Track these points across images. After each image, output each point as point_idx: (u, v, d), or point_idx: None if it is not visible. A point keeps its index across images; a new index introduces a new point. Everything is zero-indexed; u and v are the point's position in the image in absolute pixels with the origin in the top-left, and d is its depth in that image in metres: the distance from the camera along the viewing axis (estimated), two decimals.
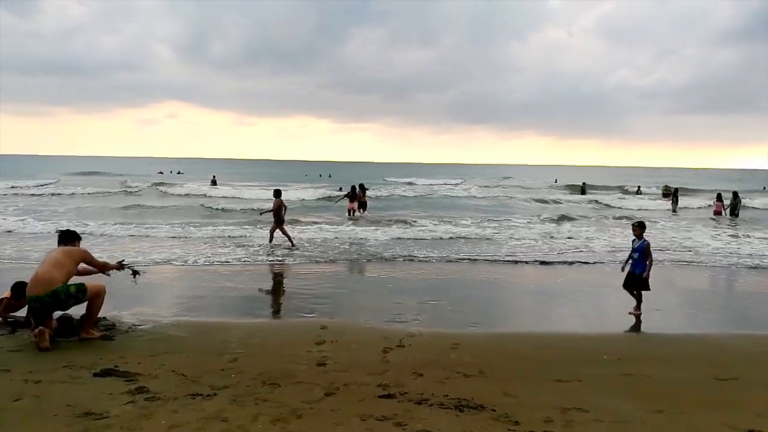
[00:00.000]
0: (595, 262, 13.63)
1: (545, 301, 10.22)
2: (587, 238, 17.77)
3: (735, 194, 27.28)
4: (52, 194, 34.04)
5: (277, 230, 15.43)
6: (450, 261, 13.59)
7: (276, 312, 8.80)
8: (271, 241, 15.38)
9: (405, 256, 14.12)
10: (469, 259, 13.86)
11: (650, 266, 9.06)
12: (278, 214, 15.35)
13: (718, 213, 26.45)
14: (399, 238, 17.13)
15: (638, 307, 9.00)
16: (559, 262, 13.56)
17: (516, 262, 13.64)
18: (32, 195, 33.48)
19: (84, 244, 7.51)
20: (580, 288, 11.21)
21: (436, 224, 20.26)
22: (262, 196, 33.01)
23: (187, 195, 35.49)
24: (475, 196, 40.36)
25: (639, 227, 9.38)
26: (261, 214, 16.23)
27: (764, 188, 57.59)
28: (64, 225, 16.42)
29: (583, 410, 4.91)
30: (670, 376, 6.04)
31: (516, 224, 21.23)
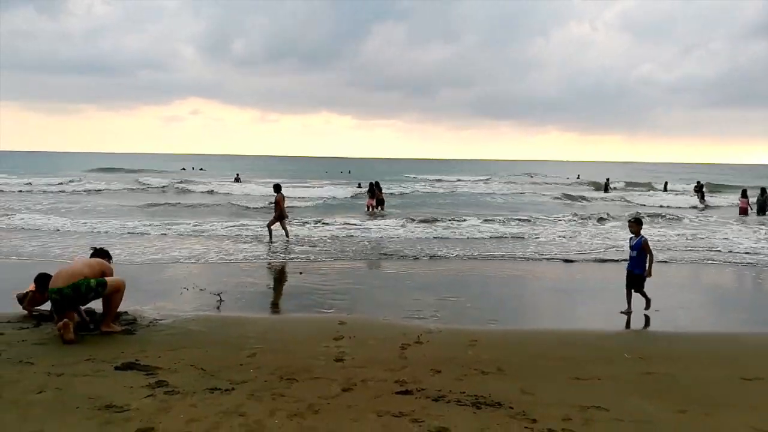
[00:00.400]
0: (618, 260, 13.35)
1: (566, 298, 10.11)
2: (606, 237, 17.39)
3: (763, 190, 25.53)
4: (78, 191, 34.54)
5: (276, 224, 15.51)
6: (472, 258, 13.51)
7: (295, 307, 8.83)
8: (271, 236, 15.43)
9: (426, 253, 14.07)
10: (491, 256, 13.78)
11: (651, 263, 8.63)
12: (279, 208, 15.44)
13: (744, 211, 25.04)
14: (421, 237, 17.03)
15: (648, 305, 8.60)
16: (581, 260, 13.38)
17: (538, 259, 13.50)
18: (60, 192, 34.15)
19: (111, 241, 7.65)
20: (601, 285, 11.06)
21: (460, 221, 20.03)
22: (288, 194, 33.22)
23: (210, 192, 35.74)
24: (496, 193, 40.08)
25: (636, 223, 8.87)
26: (269, 203, 16.71)
27: None
28: (94, 224, 16.67)
29: (603, 409, 4.83)
30: (694, 375, 5.93)
31: (541, 221, 20.91)
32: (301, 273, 11.29)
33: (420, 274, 11.57)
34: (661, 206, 30.54)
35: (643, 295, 8.65)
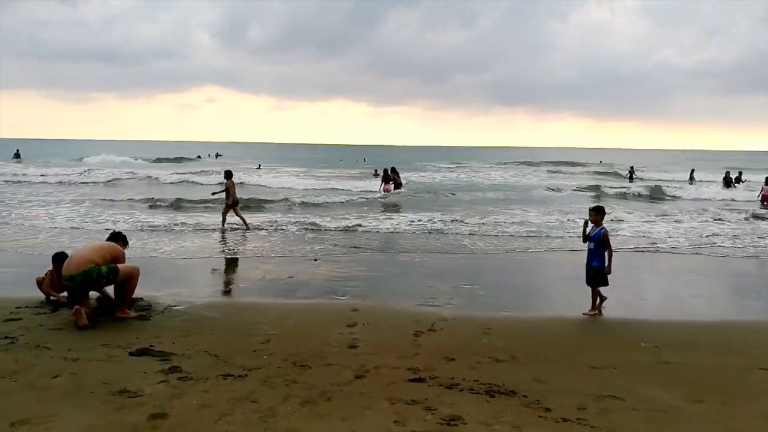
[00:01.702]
0: (645, 250, 13.07)
1: (581, 285, 10.00)
2: (637, 230, 16.54)
3: None
4: (96, 181, 32.34)
5: (231, 213, 15.26)
6: (487, 247, 13.43)
7: (308, 294, 8.83)
8: (223, 224, 15.19)
9: (440, 243, 14.02)
10: (507, 246, 13.69)
11: (611, 258, 7.74)
12: (231, 196, 15.16)
13: (767, 199, 23.88)
14: (435, 229, 16.75)
15: (594, 306, 7.76)
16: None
17: (556, 249, 13.34)
18: (83, 183, 31.62)
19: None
20: (619, 273, 10.92)
21: (475, 212, 19.46)
22: (303, 185, 31.90)
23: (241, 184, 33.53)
24: (513, 184, 38.30)
25: (596, 212, 7.95)
26: (213, 194, 16.13)
27: None
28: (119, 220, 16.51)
29: (619, 398, 4.78)
30: (711, 364, 5.84)
31: (564, 212, 19.77)
32: (316, 260, 11.29)
33: (433, 263, 11.49)
34: (723, 199, 26.88)
35: (597, 293, 7.81)
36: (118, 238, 7.58)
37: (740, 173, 35.18)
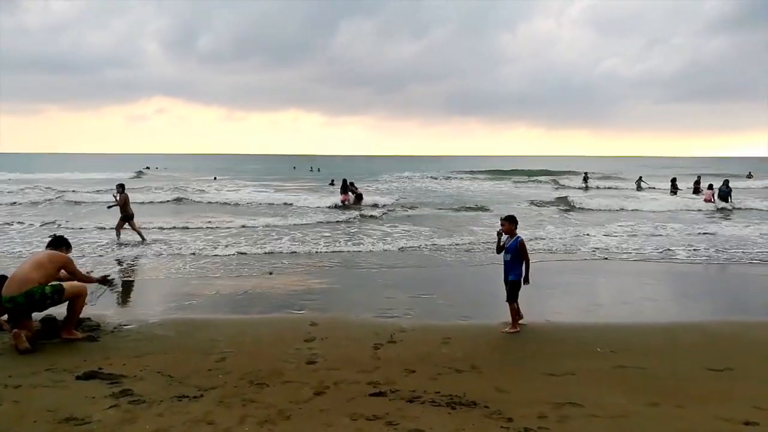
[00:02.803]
0: (606, 258, 13.27)
1: (535, 292, 10.14)
2: (587, 234, 17.46)
3: (725, 182, 26.82)
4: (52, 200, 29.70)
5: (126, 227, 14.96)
6: (444, 253, 13.49)
7: (265, 309, 8.65)
8: (118, 237, 14.88)
9: (398, 250, 14.01)
10: (465, 251, 13.78)
11: (528, 268, 7.42)
12: (125, 209, 14.89)
13: (709, 202, 25.90)
14: (399, 237, 16.92)
15: (515, 323, 7.38)
16: (558, 260, 13.41)
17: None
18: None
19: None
20: (574, 280, 11.14)
21: (432, 221, 19.67)
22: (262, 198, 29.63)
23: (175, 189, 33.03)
24: (470, 190, 39.23)
25: (508, 221, 7.61)
26: (109, 208, 15.76)
27: (749, 174, 57.14)
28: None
29: (578, 405, 4.83)
30: (665, 367, 5.97)
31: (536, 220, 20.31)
32: (270, 273, 11.11)
33: (391, 273, 11.47)
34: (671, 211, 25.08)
35: (514, 309, 7.43)
36: (60, 243, 7.04)
37: (699, 179, 35.19)
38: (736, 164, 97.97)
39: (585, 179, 44.28)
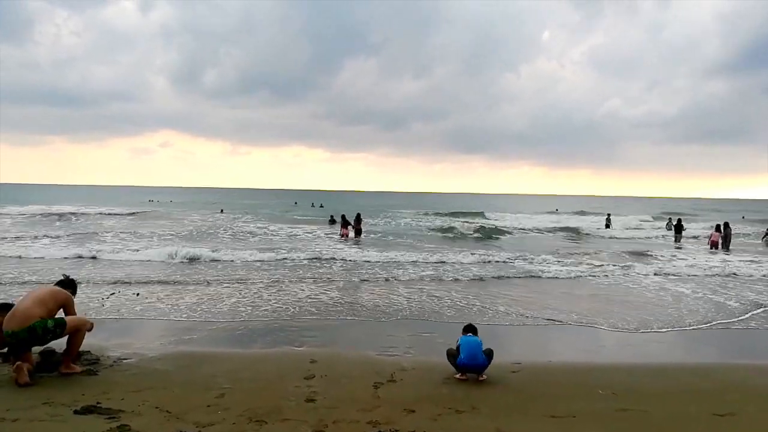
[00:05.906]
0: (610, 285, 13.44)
1: (538, 331, 10.09)
2: (583, 264, 17.53)
3: (726, 225, 26.84)
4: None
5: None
6: (446, 292, 13.46)
7: (266, 344, 8.61)
8: None
9: (400, 290, 13.99)
10: (463, 289, 13.76)
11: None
12: None
13: (715, 244, 25.73)
14: (397, 279, 16.95)
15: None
16: (564, 292, 13.41)
17: (518, 295, 13.49)
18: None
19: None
20: (573, 317, 11.08)
21: (429, 261, 19.40)
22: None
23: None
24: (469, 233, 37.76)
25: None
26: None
27: (743, 217, 57.52)
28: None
29: None
30: (667, 411, 5.91)
31: (543, 260, 19.76)
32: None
33: (392, 311, 11.42)
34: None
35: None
36: (68, 285, 7.08)
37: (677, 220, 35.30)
38: (732, 204, 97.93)
39: (607, 223, 41.33)
